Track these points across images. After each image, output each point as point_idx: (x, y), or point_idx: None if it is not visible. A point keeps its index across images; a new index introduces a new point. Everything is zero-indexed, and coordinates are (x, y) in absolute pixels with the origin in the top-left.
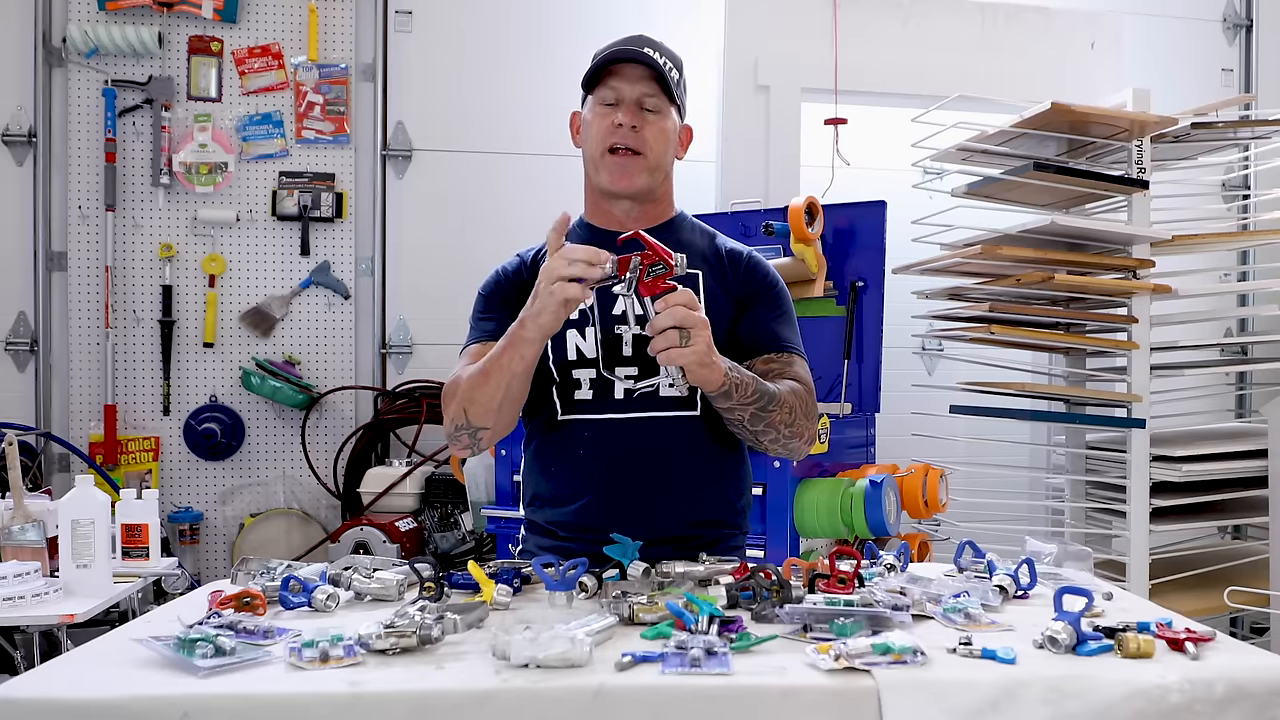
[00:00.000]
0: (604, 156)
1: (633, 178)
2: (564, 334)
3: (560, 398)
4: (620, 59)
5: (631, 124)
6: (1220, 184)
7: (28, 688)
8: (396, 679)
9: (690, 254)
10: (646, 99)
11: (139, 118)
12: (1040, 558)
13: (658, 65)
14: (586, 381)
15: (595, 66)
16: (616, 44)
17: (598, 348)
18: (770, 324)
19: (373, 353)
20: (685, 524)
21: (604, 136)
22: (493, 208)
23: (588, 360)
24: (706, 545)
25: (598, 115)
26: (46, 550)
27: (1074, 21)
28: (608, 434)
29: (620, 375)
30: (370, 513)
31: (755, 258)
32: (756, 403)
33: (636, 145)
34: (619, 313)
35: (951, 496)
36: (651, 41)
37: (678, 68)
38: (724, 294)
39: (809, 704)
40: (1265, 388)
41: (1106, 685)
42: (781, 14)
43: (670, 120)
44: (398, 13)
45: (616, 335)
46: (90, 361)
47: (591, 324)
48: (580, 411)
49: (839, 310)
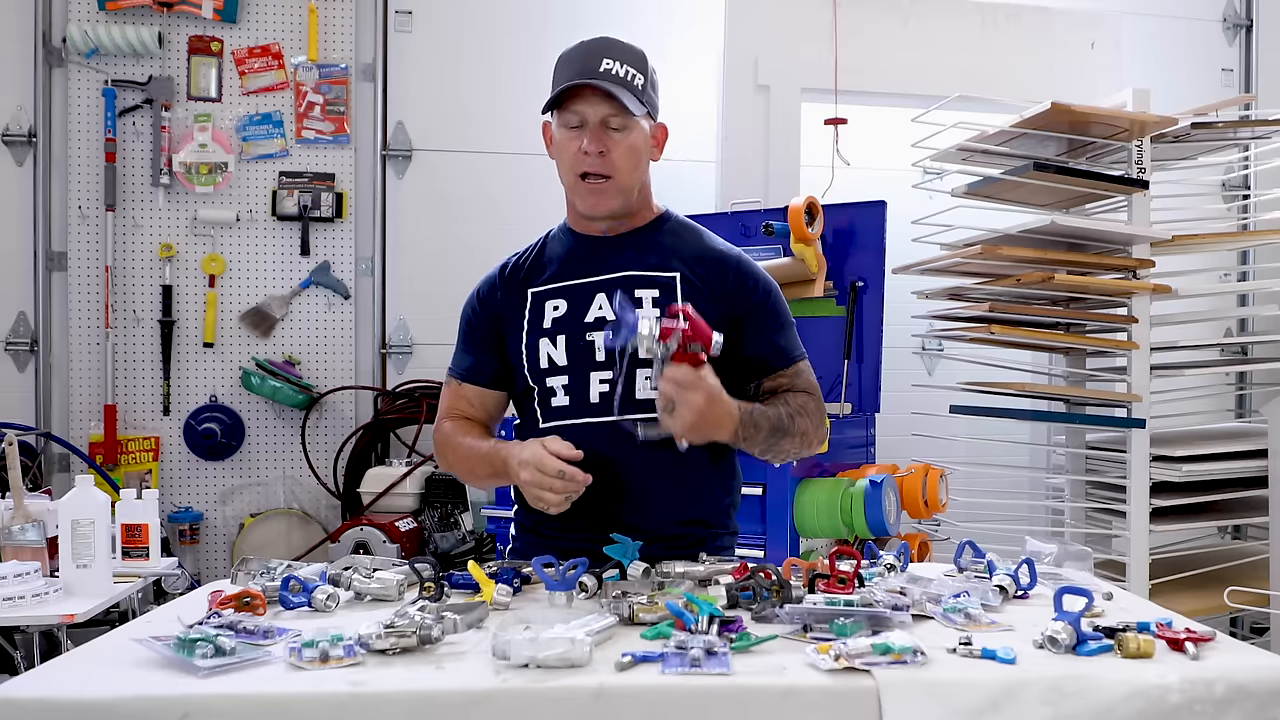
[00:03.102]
0: (576, 182)
1: (607, 201)
2: (537, 342)
3: (540, 406)
4: (578, 85)
5: (598, 150)
6: (1220, 184)
7: (28, 688)
8: (396, 679)
9: (669, 255)
10: (610, 119)
11: (139, 118)
12: (1040, 558)
13: (615, 92)
14: (560, 388)
15: (555, 94)
16: (574, 60)
17: (567, 355)
18: (774, 338)
19: (373, 353)
20: (670, 524)
21: (574, 162)
22: (493, 207)
23: (559, 367)
24: (692, 545)
25: (565, 138)
26: (46, 550)
27: (1074, 21)
28: (586, 439)
29: (595, 380)
30: (370, 513)
31: (744, 264)
32: (768, 440)
33: (605, 170)
34: (590, 320)
35: (951, 496)
36: (610, 48)
37: (641, 70)
38: (703, 300)
39: (809, 704)
40: (1265, 388)
41: (1106, 685)
42: (781, 14)
43: (638, 133)
44: (398, 13)
45: (588, 341)
46: (90, 361)
47: (562, 331)
48: (559, 418)
49: (839, 310)
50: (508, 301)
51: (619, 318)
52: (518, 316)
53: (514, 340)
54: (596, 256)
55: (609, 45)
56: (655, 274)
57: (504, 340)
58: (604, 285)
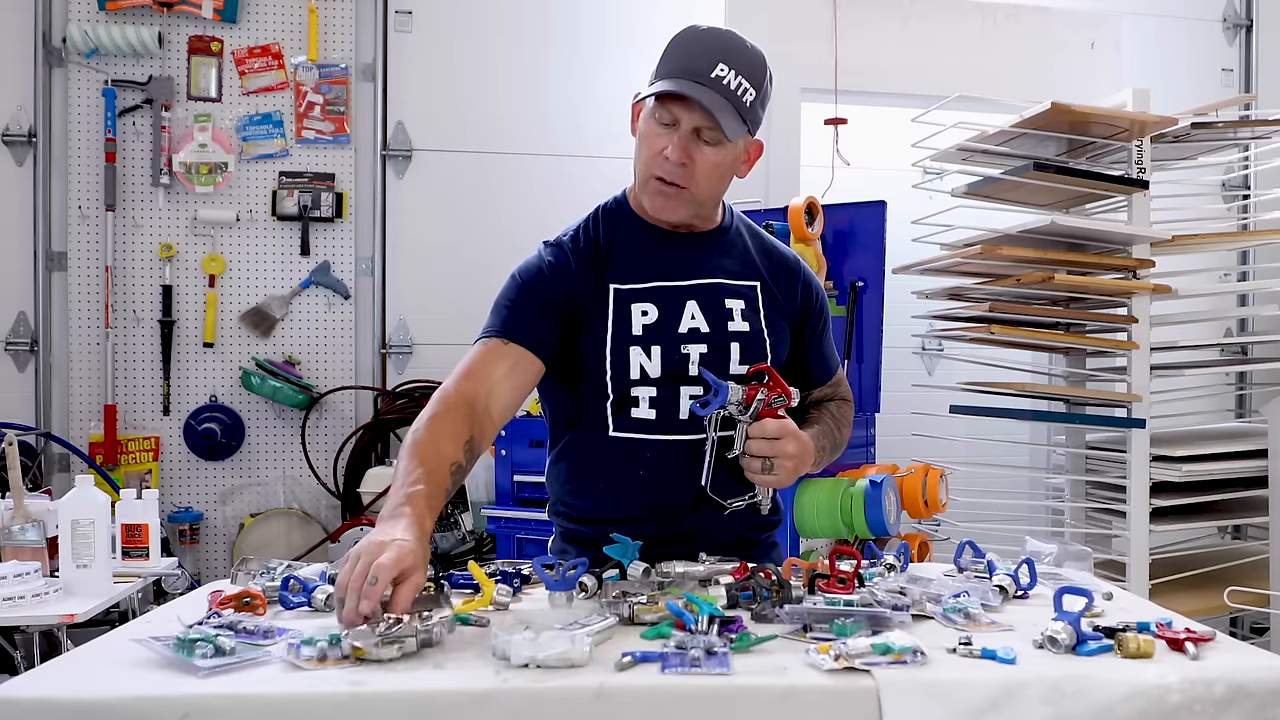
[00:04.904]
0: (649, 181)
1: (675, 210)
2: (626, 350)
3: (614, 414)
4: (680, 93)
5: (680, 161)
6: (1220, 184)
7: (28, 688)
8: (396, 679)
9: (746, 260)
10: (705, 130)
11: (139, 118)
12: (1040, 558)
13: (715, 113)
14: (646, 400)
15: (653, 93)
16: (688, 52)
17: (662, 367)
18: (824, 350)
19: (373, 353)
20: (737, 533)
21: (652, 162)
22: (493, 208)
23: (650, 379)
24: (754, 548)
25: (653, 131)
26: (46, 550)
27: (1074, 21)
28: (671, 455)
29: (685, 395)
30: (370, 513)
31: (807, 272)
32: (826, 458)
33: (682, 180)
34: (684, 331)
35: (951, 496)
36: (729, 52)
37: (756, 84)
38: (779, 311)
39: (809, 704)
40: (1265, 388)
41: (1106, 685)
42: (781, 14)
43: (728, 150)
44: (398, 13)
45: (684, 354)
46: (90, 361)
47: (656, 341)
48: (640, 430)
49: (839, 310)
50: (585, 286)
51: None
52: (599, 311)
53: (594, 336)
54: (680, 258)
55: (729, 47)
56: (739, 283)
57: (575, 321)
58: (693, 292)
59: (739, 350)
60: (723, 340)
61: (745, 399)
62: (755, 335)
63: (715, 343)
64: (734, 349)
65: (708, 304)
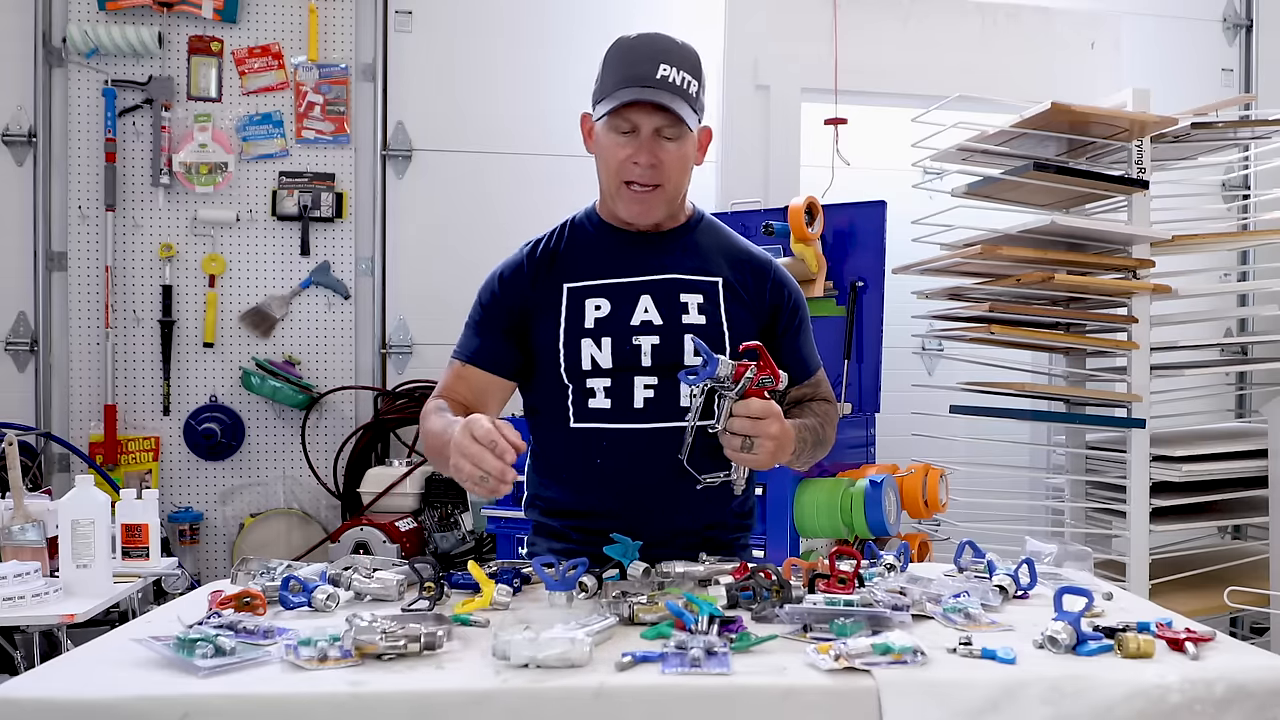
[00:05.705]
0: (620, 189)
1: (652, 211)
2: (578, 342)
3: (574, 405)
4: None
5: (650, 162)
6: (1220, 184)
7: (28, 688)
8: (396, 679)
9: (708, 258)
10: (665, 129)
11: (139, 118)
12: (1040, 558)
13: (674, 107)
14: (601, 390)
15: (611, 106)
16: (629, 60)
17: (613, 358)
18: (802, 349)
19: (373, 353)
20: (702, 527)
21: (621, 169)
22: (492, 207)
23: (602, 370)
24: (721, 547)
25: (612, 142)
26: (46, 550)
27: (1074, 21)
28: (626, 443)
29: (640, 385)
30: (370, 513)
31: (779, 272)
32: (808, 453)
33: (655, 179)
34: (636, 323)
35: (951, 496)
36: (669, 53)
37: (696, 75)
38: (743, 307)
39: (809, 704)
40: (1265, 388)
41: (1106, 685)
42: (781, 14)
43: (689, 142)
44: (398, 13)
45: (635, 345)
46: (90, 361)
47: (606, 333)
48: (596, 420)
49: (839, 310)
50: (539, 292)
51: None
52: (552, 311)
53: (546, 335)
54: (637, 255)
55: (667, 49)
56: (698, 278)
57: (528, 330)
58: (648, 287)
59: (693, 344)
60: (675, 332)
61: (734, 375)
62: (713, 329)
63: (668, 335)
64: (687, 341)
65: (662, 298)
